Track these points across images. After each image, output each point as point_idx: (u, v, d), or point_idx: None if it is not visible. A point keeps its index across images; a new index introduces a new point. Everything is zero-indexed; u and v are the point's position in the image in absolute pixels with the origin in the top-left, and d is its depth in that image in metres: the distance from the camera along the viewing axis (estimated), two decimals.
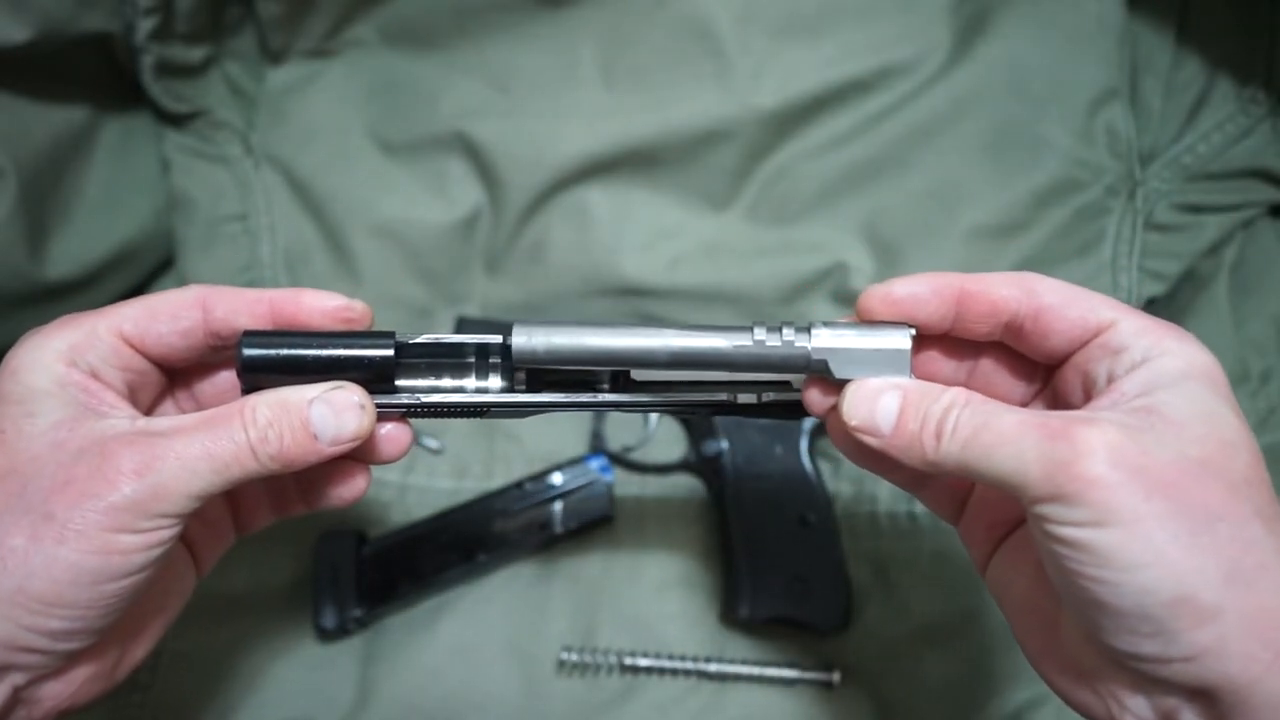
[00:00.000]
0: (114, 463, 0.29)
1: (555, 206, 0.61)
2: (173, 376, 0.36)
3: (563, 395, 0.37)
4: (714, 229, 0.61)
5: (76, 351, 0.32)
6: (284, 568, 0.56)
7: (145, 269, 0.64)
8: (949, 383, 0.32)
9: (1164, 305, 0.58)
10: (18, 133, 0.53)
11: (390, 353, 0.34)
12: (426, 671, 0.53)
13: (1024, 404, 0.35)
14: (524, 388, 0.38)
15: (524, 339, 0.34)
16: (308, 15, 0.62)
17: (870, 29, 0.59)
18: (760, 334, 0.33)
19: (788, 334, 0.33)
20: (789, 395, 0.37)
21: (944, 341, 0.35)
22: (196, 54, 0.59)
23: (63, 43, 0.53)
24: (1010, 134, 0.59)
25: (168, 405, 0.37)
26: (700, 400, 0.38)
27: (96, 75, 0.58)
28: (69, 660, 0.31)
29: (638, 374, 0.38)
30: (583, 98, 0.60)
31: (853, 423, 0.32)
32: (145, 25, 0.55)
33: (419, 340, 0.36)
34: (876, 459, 0.33)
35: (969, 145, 0.59)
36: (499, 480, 0.59)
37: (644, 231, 0.61)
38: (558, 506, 0.56)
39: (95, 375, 0.32)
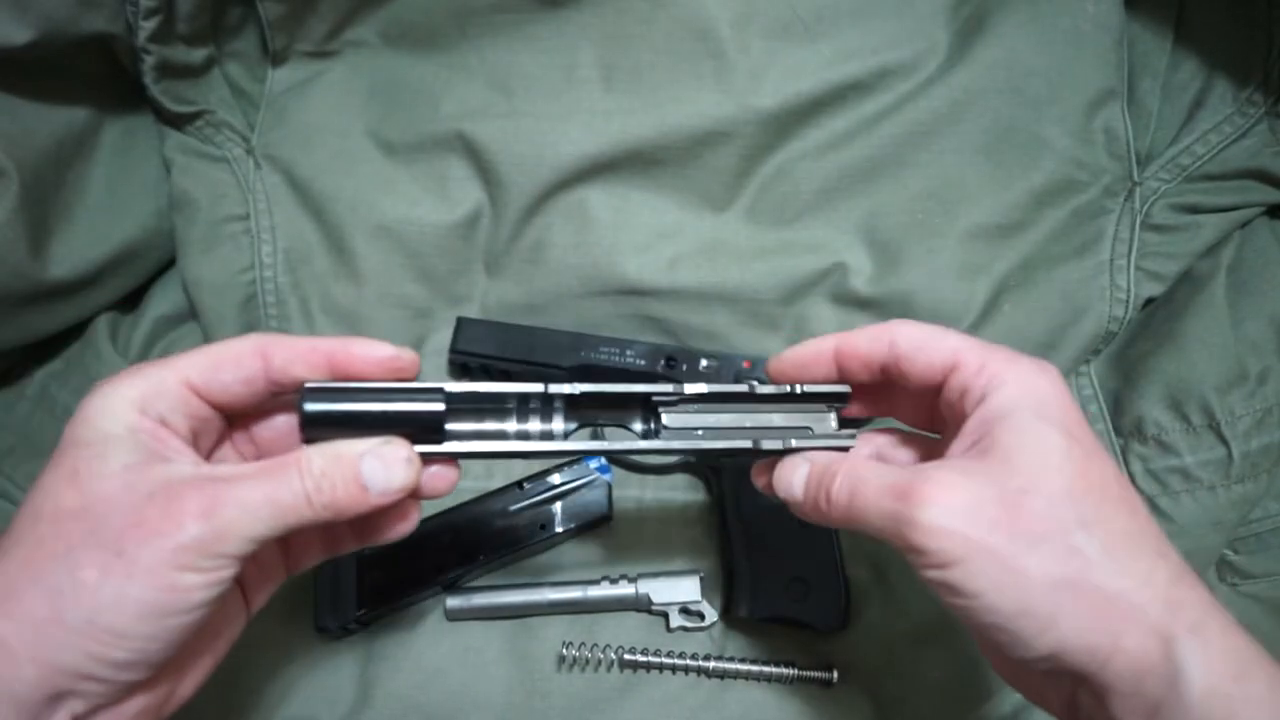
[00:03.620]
0: (181, 505, 0.31)
1: (555, 207, 0.61)
2: (231, 421, 0.38)
3: (599, 444, 0.39)
4: (713, 229, 0.61)
5: (146, 400, 0.33)
6: None
7: (147, 269, 0.64)
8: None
9: (1161, 305, 0.58)
10: (20, 133, 0.53)
11: (440, 407, 0.35)
12: (426, 671, 0.53)
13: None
14: (563, 432, 0.39)
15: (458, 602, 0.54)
16: (309, 16, 0.62)
17: (869, 30, 0.59)
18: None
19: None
20: (815, 441, 0.39)
21: (861, 395, 0.41)
22: (198, 55, 0.60)
23: (64, 44, 0.53)
24: (1009, 135, 0.59)
25: (226, 449, 0.38)
26: (728, 447, 0.39)
27: (98, 76, 0.58)
28: (125, 692, 0.32)
29: (668, 419, 0.40)
30: (583, 98, 0.60)
31: (778, 489, 0.39)
32: (147, 27, 0.56)
33: (465, 390, 0.37)
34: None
35: (967, 146, 0.59)
36: (499, 480, 0.59)
37: (644, 232, 0.61)
38: (557, 506, 0.57)
39: (164, 422, 0.34)
